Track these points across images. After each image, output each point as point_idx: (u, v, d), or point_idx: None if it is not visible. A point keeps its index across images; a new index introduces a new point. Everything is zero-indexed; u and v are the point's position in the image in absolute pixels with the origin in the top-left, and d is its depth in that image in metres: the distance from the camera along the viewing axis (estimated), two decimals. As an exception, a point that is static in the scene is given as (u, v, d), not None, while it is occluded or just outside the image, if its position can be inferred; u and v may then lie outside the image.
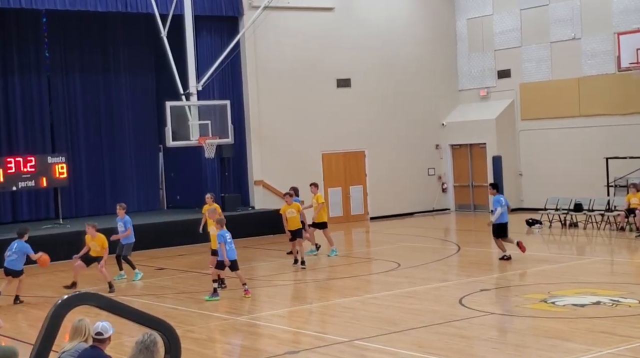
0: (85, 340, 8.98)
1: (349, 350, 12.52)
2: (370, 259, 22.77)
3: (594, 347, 11.90)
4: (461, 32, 33.92)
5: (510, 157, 32.07)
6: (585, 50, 29.93)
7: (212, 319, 15.52)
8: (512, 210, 31.29)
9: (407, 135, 32.79)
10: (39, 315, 14.99)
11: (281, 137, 29.99)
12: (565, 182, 29.81)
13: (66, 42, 29.37)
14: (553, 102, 30.83)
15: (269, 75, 29.84)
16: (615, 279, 18.19)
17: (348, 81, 31.61)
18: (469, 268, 20.24)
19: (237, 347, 13.17)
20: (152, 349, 8.10)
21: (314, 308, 16.48)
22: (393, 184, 32.43)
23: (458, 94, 34.13)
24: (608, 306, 14.67)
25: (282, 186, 28.60)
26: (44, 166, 26.11)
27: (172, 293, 18.58)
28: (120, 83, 30.50)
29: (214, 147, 26.27)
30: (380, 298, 16.71)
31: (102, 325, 8.61)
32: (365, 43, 31.81)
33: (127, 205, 21.63)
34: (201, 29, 28.50)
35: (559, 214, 27.08)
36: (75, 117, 29.64)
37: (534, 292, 16.33)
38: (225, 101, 27.14)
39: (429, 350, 12.18)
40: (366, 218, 31.83)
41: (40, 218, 28.25)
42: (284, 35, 30.14)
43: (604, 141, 29.13)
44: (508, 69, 32.36)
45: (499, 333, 13.22)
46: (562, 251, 23.42)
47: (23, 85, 28.44)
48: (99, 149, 30.15)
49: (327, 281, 19.73)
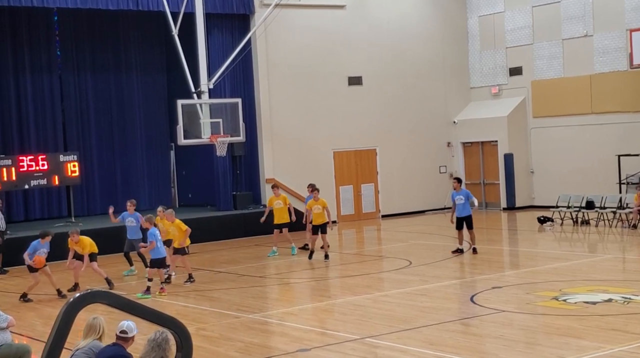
0: (100, 338, 9.02)
1: (361, 348, 12.53)
2: (382, 257, 22.77)
3: (605, 344, 11.88)
4: (473, 29, 33.86)
5: (521, 154, 32.02)
6: (597, 47, 29.84)
7: (224, 317, 15.55)
8: (523, 208, 31.62)
9: (419, 132, 32.77)
10: (51, 313, 15.06)
11: (293, 135, 30.00)
12: (577, 179, 29.75)
13: (77, 41, 29.44)
14: (565, 99, 30.75)
15: (281, 73, 29.85)
16: (627, 277, 18.16)
17: (359, 79, 31.59)
18: (480, 265, 20.22)
19: (249, 345, 13.19)
20: (164, 347, 8.14)
21: (325, 306, 16.49)
22: (404, 182, 32.42)
23: (469, 92, 34.08)
24: (620, 304, 14.64)
25: (294, 184, 28.70)
26: (56, 164, 26.19)
27: (184, 291, 18.62)
28: (132, 81, 30.56)
29: (226, 145, 26.28)
30: (392, 296, 16.72)
31: (128, 324, 8.67)
32: (376, 41, 31.79)
33: (138, 203, 21.75)
34: (212, 27, 28.54)
35: (570, 212, 27.03)
36: (87, 115, 29.71)
37: (545, 289, 16.31)
38: (236, 99, 27.15)
39: (440, 348, 12.18)
40: (377, 216, 31.82)
41: (52, 216, 28.34)
42: (295, 33, 30.14)
43: (616, 138, 29.05)
44: (520, 67, 32.30)
45: (510, 330, 13.20)
46: (573, 249, 23.37)
47: (35, 84, 28.52)
48: (110, 147, 30.23)
49: (338, 279, 19.74)
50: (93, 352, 8.87)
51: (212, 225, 27.48)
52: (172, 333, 6.91)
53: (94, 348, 8.92)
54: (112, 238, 24.35)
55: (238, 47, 27.71)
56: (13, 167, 25.41)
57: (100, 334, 9.04)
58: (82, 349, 8.85)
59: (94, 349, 8.92)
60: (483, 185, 33.02)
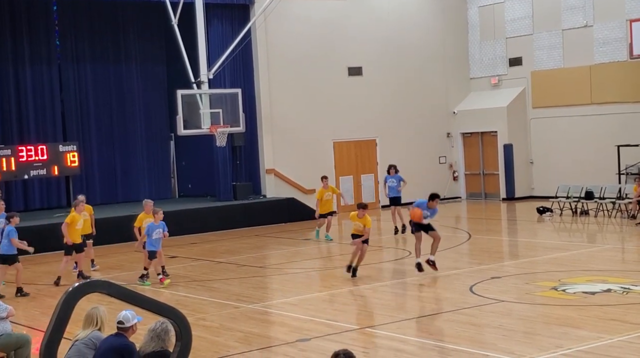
0: (100, 329, 9.03)
1: (360, 338, 12.56)
2: (382, 247, 22.79)
3: (604, 334, 11.91)
4: (473, 19, 33.82)
5: (521, 145, 32.02)
6: (597, 37, 29.82)
7: (224, 307, 15.57)
8: (522, 198, 31.63)
9: (418, 123, 32.76)
10: (50, 303, 15.07)
11: (292, 126, 29.98)
12: (577, 169, 29.77)
13: (77, 31, 29.40)
14: (564, 89, 30.74)
15: (281, 64, 29.83)
16: (626, 267, 18.18)
17: (359, 69, 31.58)
18: (479, 256, 20.25)
19: (249, 335, 13.21)
20: (164, 337, 8.17)
21: (325, 296, 16.51)
22: (404, 172, 32.21)
23: (469, 82, 34.06)
24: (619, 294, 14.66)
25: (294, 174, 28.72)
26: (56, 155, 26.18)
27: (184, 281, 18.64)
28: (131, 71, 30.53)
29: (225, 135, 26.29)
30: (391, 286, 16.75)
31: (124, 314, 8.66)
32: (376, 31, 31.76)
33: (138, 193, 21.69)
34: (212, 17, 28.51)
35: (569, 202, 27.04)
36: (87, 105, 29.69)
37: (544, 279, 16.34)
38: (236, 89, 27.15)
39: (439, 338, 12.21)
40: (377, 206, 31.82)
41: (51, 206, 28.35)
42: (295, 23, 30.10)
43: (616, 129, 29.05)
44: (519, 57, 32.28)
45: (509, 320, 13.23)
46: (572, 239, 23.39)
47: (34, 74, 28.49)
48: (110, 137, 30.22)
49: (338, 269, 19.76)
50: (94, 343, 8.88)
51: (212, 215, 27.49)
52: (172, 323, 6.92)
53: (94, 339, 8.92)
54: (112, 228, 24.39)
55: (238, 37, 27.68)
56: (13, 157, 25.40)
57: (100, 325, 9.04)
58: (82, 340, 8.85)
59: (94, 340, 8.93)
60: (482, 175, 33.04)
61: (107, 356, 8.50)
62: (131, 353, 8.40)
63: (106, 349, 8.53)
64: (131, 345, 8.60)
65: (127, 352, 8.46)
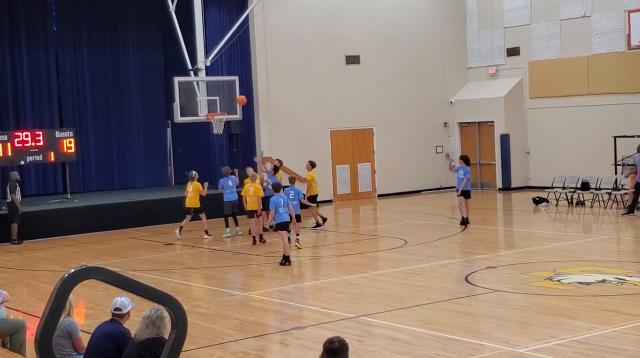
0: (69, 314, 9.10)
1: (356, 327, 12.57)
2: (378, 236, 22.81)
3: (599, 325, 11.93)
4: (471, 9, 33.77)
5: (518, 135, 32.02)
6: (596, 28, 29.79)
7: (220, 295, 15.59)
8: (519, 189, 31.64)
9: (416, 113, 32.74)
10: (46, 289, 15.08)
11: (290, 114, 29.95)
12: (573, 160, 29.77)
13: (74, 17, 29.32)
14: (562, 80, 30.72)
15: (278, 52, 29.78)
16: (622, 258, 18.21)
17: (357, 58, 31.53)
18: (475, 246, 20.27)
19: (244, 323, 13.22)
20: (159, 324, 8.17)
21: (320, 284, 16.52)
22: (401, 162, 32.42)
23: (467, 72, 34.03)
24: (614, 285, 14.69)
25: (291, 163, 28.64)
26: (52, 141, 26.11)
27: (180, 268, 18.66)
28: (129, 58, 30.47)
29: (223, 123, 26.22)
30: (387, 275, 16.76)
31: (121, 300, 8.68)
32: (375, 20, 31.71)
33: (135, 180, 21.71)
34: (210, 4, 28.44)
35: (566, 193, 27.05)
36: (84, 91, 29.63)
37: (540, 270, 16.36)
38: (234, 77, 27.09)
39: (434, 327, 12.22)
40: (374, 195, 31.84)
41: (48, 193, 28.33)
42: (293, 11, 30.05)
43: (613, 120, 29.04)
44: (517, 47, 32.23)
45: (504, 310, 13.24)
46: (568, 230, 23.41)
47: (31, 60, 28.41)
48: (107, 124, 30.18)
49: (334, 258, 19.78)
50: (67, 331, 8.98)
51: (209, 203, 27.39)
52: (167, 310, 6.91)
53: (67, 327, 9.00)
54: (108, 214, 24.39)
55: (236, 25, 27.57)
56: (9, 143, 25.32)
57: (70, 309, 9.10)
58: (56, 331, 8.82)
59: (67, 327, 9.00)
60: (479, 165, 33.03)
61: (102, 343, 8.52)
62: (126, 340, 8.41)
63: (101, 336, 8.55)
64: (127, 332, 8.62)
65: (122, 339, 8.49)
